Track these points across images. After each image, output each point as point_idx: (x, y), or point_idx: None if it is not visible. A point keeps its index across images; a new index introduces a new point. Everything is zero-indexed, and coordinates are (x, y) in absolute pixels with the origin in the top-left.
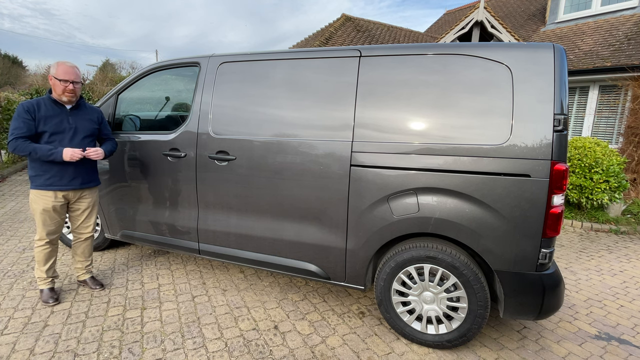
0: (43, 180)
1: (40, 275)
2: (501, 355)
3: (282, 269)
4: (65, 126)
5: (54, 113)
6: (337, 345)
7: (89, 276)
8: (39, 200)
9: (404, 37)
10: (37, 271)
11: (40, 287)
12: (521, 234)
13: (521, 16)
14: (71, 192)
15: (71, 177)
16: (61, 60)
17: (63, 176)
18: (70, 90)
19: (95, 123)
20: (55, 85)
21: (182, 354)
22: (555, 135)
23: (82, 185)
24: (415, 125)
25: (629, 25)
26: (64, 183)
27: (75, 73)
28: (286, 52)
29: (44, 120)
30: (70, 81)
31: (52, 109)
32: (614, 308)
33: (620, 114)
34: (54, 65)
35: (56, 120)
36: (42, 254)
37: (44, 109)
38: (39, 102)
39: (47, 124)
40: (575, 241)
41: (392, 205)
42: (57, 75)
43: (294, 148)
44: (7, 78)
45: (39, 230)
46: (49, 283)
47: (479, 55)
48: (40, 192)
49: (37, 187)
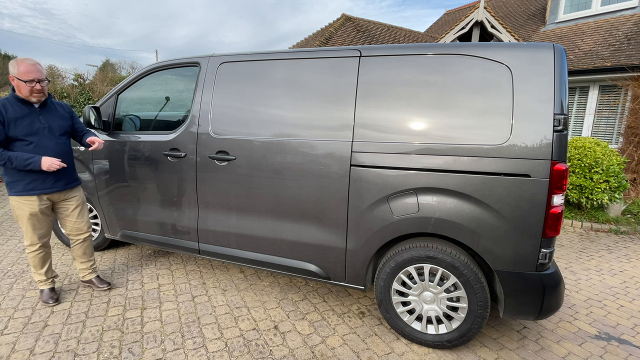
0: (23, 185)
1: (39, 278)
2: (501, 355)
3: (282, 269)
4: (38, 126)
5: (22, 114)
6: (337, 345)
7: (95, 275)
8: (22, 206)
9: (404, 37)
10: (35, 274)
11: (41, 288)
12: (521, 234)
13: (521, 16)
14: (56, 194)
15: (54, 179)
16: (20, 58)
17: (45, 179)
18: (38, 90)
19: (67, 119)
20: (20, 86)
21: (182, 354)
22: (555, 135)
23: (66, 186)
24: (415, 125)
25: (629, 25)
26: (47, 186)
27: (39, 70)
28: (286, 52)
29: (13, 122)
30: (35, 80)
31: (21, 109)
32: (614, 308)
33: (620, 114)
34: (14, 65)
35: (27, 122)
36: (37, 259)
37: (11, 110)
38: (4, 104)
39: (18, 127)
40: (575, 241)
41: (392, 205)
42: (20, 76)
43: (294, 148)
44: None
45: (28, 236)
46: (49, 283)
47: (479, 55)
48: (22, 197)
49: (19, 193)
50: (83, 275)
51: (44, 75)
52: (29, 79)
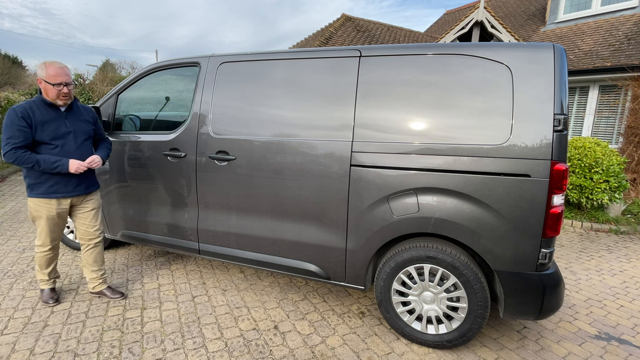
0: (45, 188)
1: (41, 278)
2: (501, 355)
3: (282, 269)
4: (64, 130)
5: (49, 117)
6: (337, 345)
7: (106, 286)
8: (41, 208)
9: (404, 37)
10: (39, 274)
11: (41, 287)
12: (521, 234)
13: (521, 16)
14: (75, 197)
15: (76, 183)
16: (48, 61)
17: (68, 183)
18: (65, 94)
19: (91, 124)
20: (48, 89)
21: (182, 354)
22: (555, 135)
23: (87, 190)
24: (415, 125)
25: (629, 25)
26: (70, 189)
27: (67, 74)
28: (286, 52)
29: (40, 126)
30: (63, 83)
31: (48, 112)
32: (614, 308)
33: (620, 114)
34: (42, 67)
35: (54, 125)
36: (45, 259)
37: (38, 113)
38: (32, 107)
39: (45, 130)
40: (575, 241)
41: (392, 205)
42: (49, 79)
43: (294, 148)
44: (7, 78)
45: (42, 237)
46: (51, 283)
47: (479, 55)
48: (42, 200)
49: (40, 196)
50: (93, 287)
51: (71, 79)
52: (57, 82)
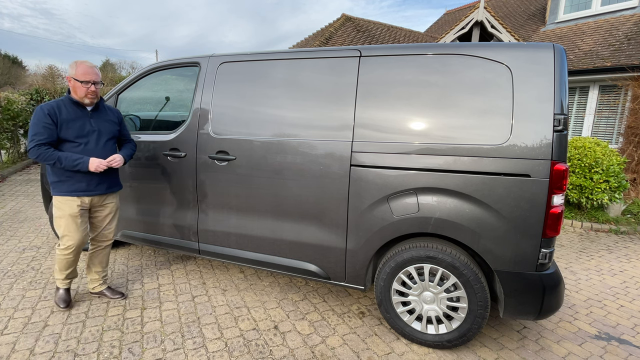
0: (68, 185)
1: (59, 277)
2: (501, 355)
3: (282, 269)
4: (88, 129)
5: (75, 116)
6: (337, 345)
7: (106, 287)
8: (64, 206)
9: (404, 37)
10: (56, 273)
11: (58, 286)
12: (521, 234)
13: (521, 16)
14: (96, 197)
15: (97, 182)
16: (79, 60)
17: (90, 181)
18: (93, 92)
19: (116, 124)
20: (77, 87)
21: (182, 354)
22: (555, 135)
23: (108, 190)
24: (415, 125)
25: (629, 25)
26: (91, 188)
27: (96, 73)
28: (286, 52)
29: (65, 124)
30: (92, 82)
31: (74, 111)
32: (614, 308)
33: (620, 114)
34: (73, 66)
35: (79, 124)
36: (66, 262)
37: (65, 111)
38: (59, 105)
39: (70, 128)
40: (575, 241)
41: (392, 205)
42: (78, 77)
43: (294, 148)
44: (7, 78)
45: (66, 238)
46: (67, 284)
47: (479, 55)
48: (65, 198)
49: (63, 193)
50: (93, 287)
51: (99, 79)
52: (86, 79)
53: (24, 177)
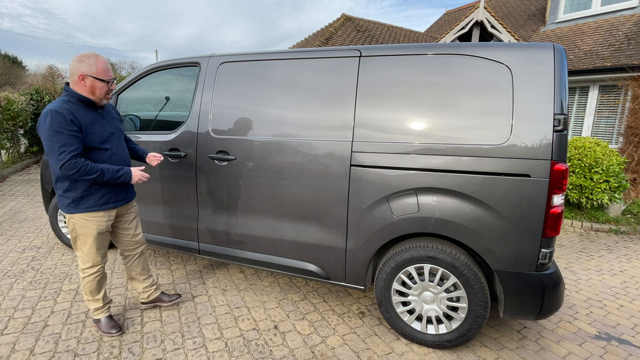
0: (95, 199)
1: (95, 306)
2: (501, 355)
3: (282, 269)
4: (109, 132)
5: (92, 119)
6: (337, 345)
7: (160, 292)
8: (89, 224)
9: (404, 37)
10: (91, 303)
11: (96, 317)
12: (521, 234)
13: (521, 16)
14: (123, 206)
15: (125, 190)
16: (91, 54)
17: (119, 191)
18: (112, 91)
19: (120, 122)
20: (96, 86)
21: (182, 354)
22: (555, 135)
23: (132, 196)
24: (415, 125)
25: (629, 25)
26: (120, 198)
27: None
28: (286, 52)
29: (86, 128)
30: (113, 79)
31: (89, 113)
32: (614, 308)
33: (620, 114)
34: (88, 63)
35: (98, 127)
36: (95, 282)
37: (82, 114)
38: (72, 107)
39: (93, 133)
40: (575, 241)
41: (392, 205)
42: (99, 75)
43: (294, 148)
44: (7, 78)
45: (89, 257)
46: (107, 311)
47: (479, 55)
48: (92, 214)
49: (89, 209)
50: (147, 295)
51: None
52: (109, 77)
53: (24, 177)
